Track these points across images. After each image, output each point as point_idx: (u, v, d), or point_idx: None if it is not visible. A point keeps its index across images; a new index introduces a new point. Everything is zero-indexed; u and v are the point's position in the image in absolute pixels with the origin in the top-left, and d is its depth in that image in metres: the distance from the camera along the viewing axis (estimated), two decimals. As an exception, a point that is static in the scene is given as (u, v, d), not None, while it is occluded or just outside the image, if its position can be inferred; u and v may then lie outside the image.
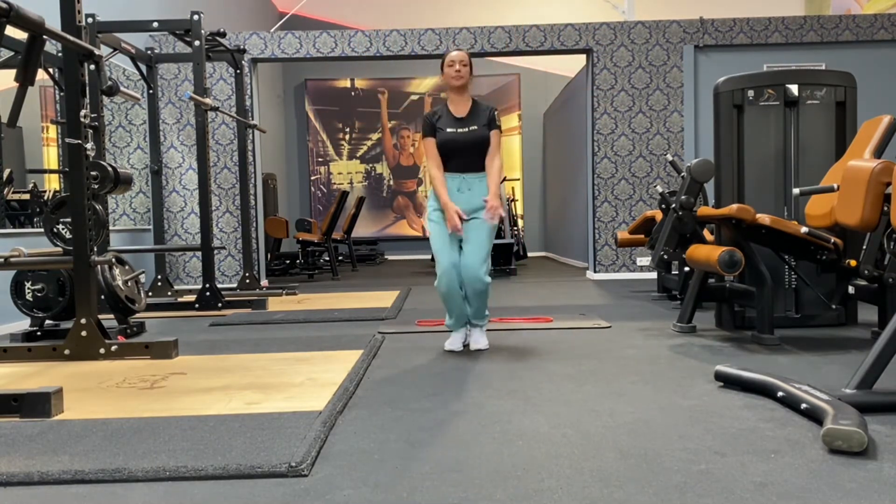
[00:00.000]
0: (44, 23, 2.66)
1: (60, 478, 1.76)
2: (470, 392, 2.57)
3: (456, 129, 3.44)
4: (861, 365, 2.21)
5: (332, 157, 12.64)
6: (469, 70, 3.46)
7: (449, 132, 3.44)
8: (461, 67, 3.43)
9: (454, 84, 3.44)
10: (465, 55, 3.47)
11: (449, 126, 3.45)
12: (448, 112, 3.49)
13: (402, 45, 7.19)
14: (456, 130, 3.44)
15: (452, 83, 3.45)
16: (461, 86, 3.45)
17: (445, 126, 3.46)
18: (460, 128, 3.44)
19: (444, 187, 3.43)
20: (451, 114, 3.48)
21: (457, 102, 3.47)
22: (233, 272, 7.28)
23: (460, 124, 3.44)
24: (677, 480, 1.66)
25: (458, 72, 3.42)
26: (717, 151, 3.94)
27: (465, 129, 3.43)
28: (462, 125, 3.44)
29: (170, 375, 2.95)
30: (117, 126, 6.48)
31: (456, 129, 3.44)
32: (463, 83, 3.44)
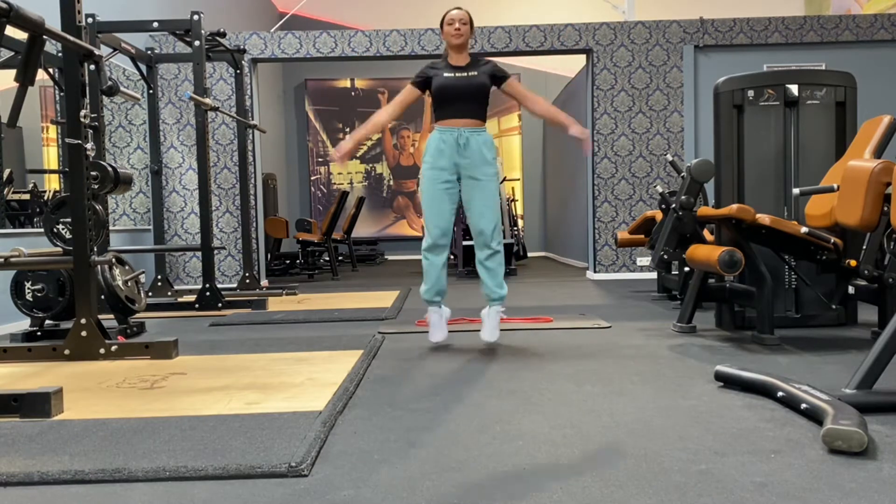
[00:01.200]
0: (44, 23, 2.66)
1: (60, 478, 1.76)
2: (470, 392, 2.57)
3: (454, 74, 3.35)
4: (861, 365, 2.21)
5: (332, 158, 12.64)
6: (469, 28, 3.39)
7: (446, 76, 3.35)
8: (461, 26, 3.36)
9: (454, 42, 3.37)
10: (466, 13, 3.41)
11: (447, 72, 3.37)
12: (446, 62, 3.42)
13: (402, 45, 7.19)
14: (454, 75, 3.35)
15: (452, 41, 3.38)
16: (461, 44, 3.38)
17: (443, 73, 3.37)
18: (459, 73, 3.36)
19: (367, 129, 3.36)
20: (449, 63, 3.41)
21: (455, 57, 3.42)
22: (233, 272, 7.28)
23: (459, 70, 3.37)
24: (677, 480, 1.66)
25: (458, 30, 3.36)
26: (717, 151, 3.94)
27: (465, 75, 3.35)
28: (461, 71, 3.37)
29: (170, 375, 2.95)
30: (117, 126, 6.48)
31: (454, 73, 3.36)
32: (462, 41, 3.38)
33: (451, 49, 3.42)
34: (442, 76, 3.37)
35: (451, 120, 3.34)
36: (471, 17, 3.44)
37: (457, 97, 3.33)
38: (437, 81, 3.37)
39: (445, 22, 3.41)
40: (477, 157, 3.34)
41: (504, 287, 3.46)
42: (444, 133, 3.34)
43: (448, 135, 3.33)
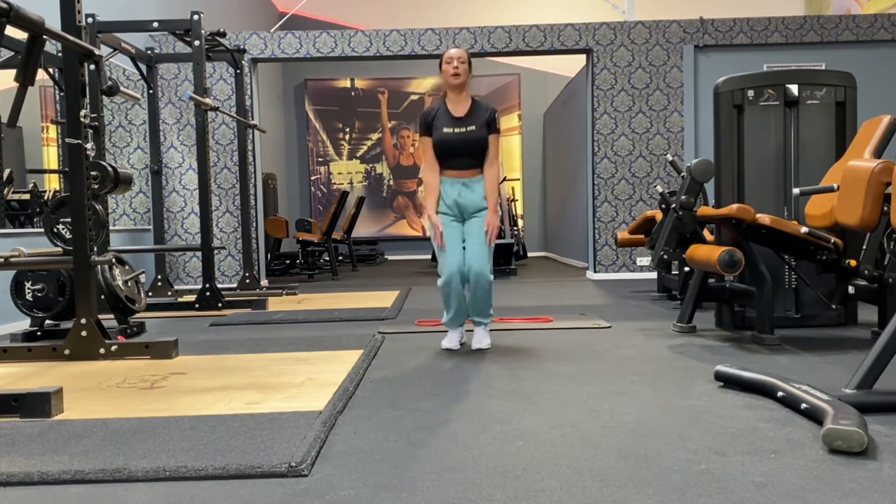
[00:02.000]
0: (44, 23, 2.66)
1: (60, 478, 1.76)
2: (470, 392, 2.57)
3: (453, 129, 3.39)
4: (861, 365, 2.21)
5: (332, 157, 12.64)
6: (468, 68, 3.40)
7: (446, 132, 3.39)
8: (459, 65, 3.37)
9: (452, 83, 3.39)
10: (464, 53, 3.42)
11: (446, 126, 3.40)
12: (446, 110, 3.43)
13: (402, 45, 7.19)
14: (453, 130, 3.39)
15: (451, 81, 3.39)
16: (459, 84, 3.39)
17: (442, 125, 3.40)
18: (457, 128, 3.39)
19: (434, 198, 3.44)
20: (448, 113, 3.42)
21: (455, 101, 3.42)
22: (233, 272, 7.28)
23: (458, 124, 3.39)
24: (677, 480, 1.66)
25: (456, 69, 3.37)
26: (717, 151, 3.94)
27: (463, 130, 3.38)
28: (460, 125, 3.39)
29: (170, 375, 2.95)
30: (117, 126, 6.48)
31: (453, 129, 3.39)
32: (461, 82, 3.39)
33: (449, 89, 3.44)
34: (441, 132, 3.41)
35: (454, 171, 3.44)
36: (469, 57, 3.45)
37: (457, 152, 3.41)
38: (437, 135, 3.43)
39: (444, 61, 3.42)
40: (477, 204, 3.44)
41: (489, 310, 3.51)
42: (446, 185, 3.46)
43: (449, 186, 3.45)
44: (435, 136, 3.42)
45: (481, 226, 3.42)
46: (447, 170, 3.44)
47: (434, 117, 3.45)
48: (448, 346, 3.46)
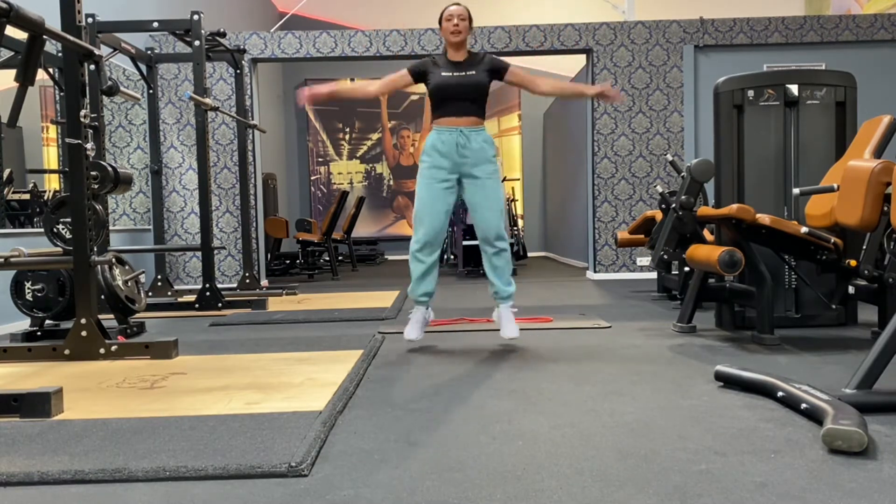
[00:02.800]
0: (44, 23, 2.66)
1: (60, 478, 1.76)
2: (470, 392, 2.57)
3: (452, 73, 3.30)
4: (861, 365, 2.21)
5: (332, 157, 12.64)
6: (468, 25, 3.34)
7: (444, 75, 3.29)
8: (459, 22, 3.31)
9: (452, 39, 3.31)
10: (464, 9, 3.35)
11: (445, 70, 3.31)
12: (445, 59, 3.36)
13: (402, 45, 7.19)
14: (452, 74, 3.30)
15: (450, 38, 3.32)
16: (459, 41, 3.33)
17: (440, 70, 3.31)
18: (457, 71, 3.30)
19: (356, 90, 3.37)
20: (447, 59, 3.35)
21: (454, 55, 3.36)
22: (233, 272, 7.28)
23: (457, 68, 3.31)
24: (677, 480, 1.66)
25: (457, 26, 3.30)
26: (717, 151, 3.94)
27: (462, 73, 3.30)
28: (459, 69, 3.31)
29: (170, 375, 2.95)
30: (117, 126, 6.49)
31: (452, 72, 3.30)
32: (461, 38, 3.32)
33: (449, 46, 3.37)
34: (440, 75, 3.31)
35: (450, 118, 3.30)
36: (469, 13, 3.38)
37: (455, 96, 3.29)
38: (434, 80, 3.32)
39: (444, 18, 3.36)
40: (478, 155, 3.31)
41: (512, 284, 3.46)
42: (443, 133, 3.30)
43: (447, 134, 3.29)
44: (433, 81, 3.31)
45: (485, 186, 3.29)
46: (444, 117, 3.31)
47: (432, 64, 3.36)
48: (410, 338, 3.38)
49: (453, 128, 3.30)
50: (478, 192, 3.31)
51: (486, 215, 3.29)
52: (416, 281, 3.40)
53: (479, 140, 3.32)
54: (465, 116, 3.31)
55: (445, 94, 3.30)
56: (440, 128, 3.32)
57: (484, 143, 3.33)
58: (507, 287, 3.43)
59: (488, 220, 3.28)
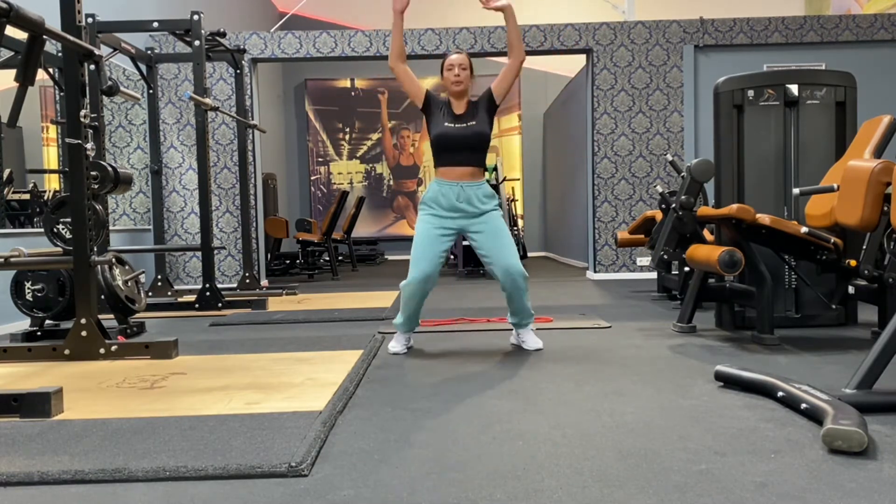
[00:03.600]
0: (44, 23, 2.66)
1: (60, 478, 1.76)
2: (470, 392, 2.57)
3: (454, 125, 3.32)
4: (861, 365, 2.21)
5: (332, 157, 12.64)
6: (469, 74, 3.34)
7: (446, 126, 3.31)
8: (460, 72, 3.31)
9: (454, 90, 3.33)
10: (465, 58, 3.35)
11: (447, 121, 3.33)
12: (447, 107, 3.38)
13: (402, 45, 7.18)
14: (454, 125, 3.31)
15: (452, 89, 3.33)
16: (461, 91, 3.34)
17: (444, 120, 3.33)
18: (458, 123, 3.32)
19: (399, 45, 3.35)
20: (451, 108, 3.37)
21: (457, 105, 3.38)
22: (233, 272, 7.28)
23: (458, 120, 3.33)
24: (677, 480, 1.66)
25: (458, 76, 3.31)
26: (717, 151, 3.94)
27: (464, 125, 3.32)
28: (460, 121, 3.33)
29: (170, 375, 2.95)
30: (117, 126, 6.49)
31: (454, 124, 3.32)
32: (462, 89, 3.33)
33: (451, 95, 3.37)
34: (443, 125, 3.32)
35: (451, 169, 3.31)
36: (471, 62, 3.37)
37: (456, 148, 3.30)
38: (436, 128, 3.33)
39: (445, 67, 3.35)
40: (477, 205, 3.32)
41: (530, 310, 3.42)
42: (444, 186, 3.32)
43: (448, 188, 3.31)
44: (435, 130, 3.33)
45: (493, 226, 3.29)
46: (445, 167, 3.33)
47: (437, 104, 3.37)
48: (396, 351, 3.38)
49: (454, 183, 3.31)
50: (488, 240, 3.30)
51: (505, 259, 3.27)
52: (405, 315, 3.40)
53: (480, 195, 3.33)
54: (466, 167, 3.31)
55: (447, 145, 3.32)
56: (441, 181, 3.33)
57: (484, 197, 3.35)
58: (527, 318, 3.42)
59: (506, 259, 3.26)
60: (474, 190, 3.32)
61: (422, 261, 3.29)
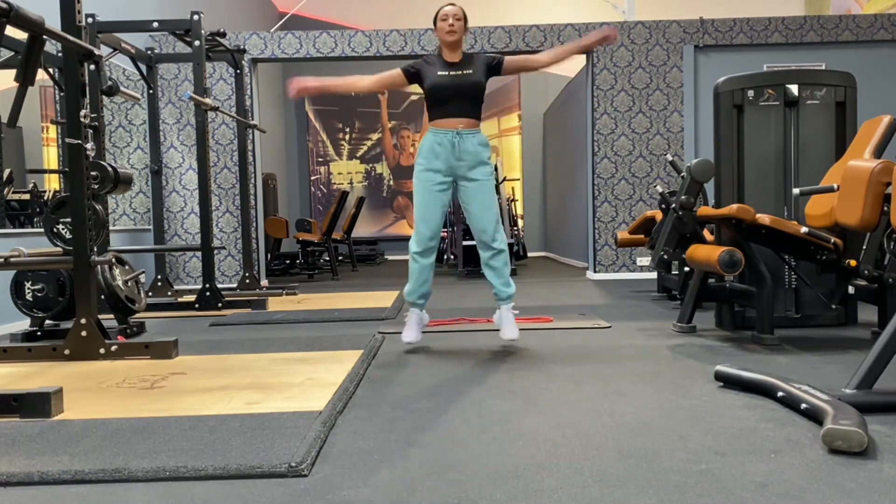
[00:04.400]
0: (44, 23, 2.66)
1: (60, 478, 1.76)
2: (470, 392, 2.57)
3: (448, 72, 3.28)
4: (861, 365, 2.21)
5: (332, 157, 12.64)
6: (463, 25, 3.32)
7: (440, 75, 3.27)
8: (454, 21, 3.28)
9: (447, 39, 3.29)
10: (460, 9, 3.33)
11: (440, 70, 3.29)
12: (440, 58, 3.34)
13: (402, 45, 7.19)
14: (448, 73, 3.27)
15: (445, 38, 3.29)
16: (454, 41, 3.30)
17: (436, 70, 3.29)
18: (453, 71, 3.28)
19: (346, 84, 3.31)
20: (443, 59, 3.33)
21: (450, 56, 3.34)
22: (233, 272, 7.28)
23: (452, 68, 3.29)
24: (677, 480, 1.66)
25: (452, 26, 3.28)
26: (717, 151, 3.94)
27: (459, 73, 3.28)
28: (455, 69, 3.29)
29: (170, 375, 2.95)
30: (117, 126, 6.49)
31: (448, 71, 3.28)
32: (456, 38, 3.29)
33: (444, 46, 3.34)
34: (435, 74, 3.29)
35: (446, 120, 3.29)
36: (465, 13, 3.35)
37: (451, 96, 3.27)
38: (430, 80, 3.29)
39: (439, 18, 3.33)
40: (473, 158, 3.30)
41: (511, 286, 3.46)
42: (439, 135, 3.29)
43: (443, 136, 3.28)
44: (428, 81, 3.29)
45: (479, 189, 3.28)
46: (439, 118, 3.28)
47: (426, 64, 3.34)
48: (408, 340, 3.39)
49: (449, 130, 3.29)
50: (473, 196, 3.31)
51: (482, 218, 3.30)
52: (414, 282, 3.42)
53: (475, 143, 3.31)
54: (461, 117, 3.29)
55: (441, 93, 3.28)
56: (436, 129, 3.31)
57: (479, 145, 3.33)
58: (506, 288, 3.43)
59: (484, 223, 3.29)
60: (470, 136, 3.30)
61: (423, 219, 3.31)
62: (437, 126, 3.31)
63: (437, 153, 3.30)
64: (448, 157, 3.29)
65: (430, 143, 3.31)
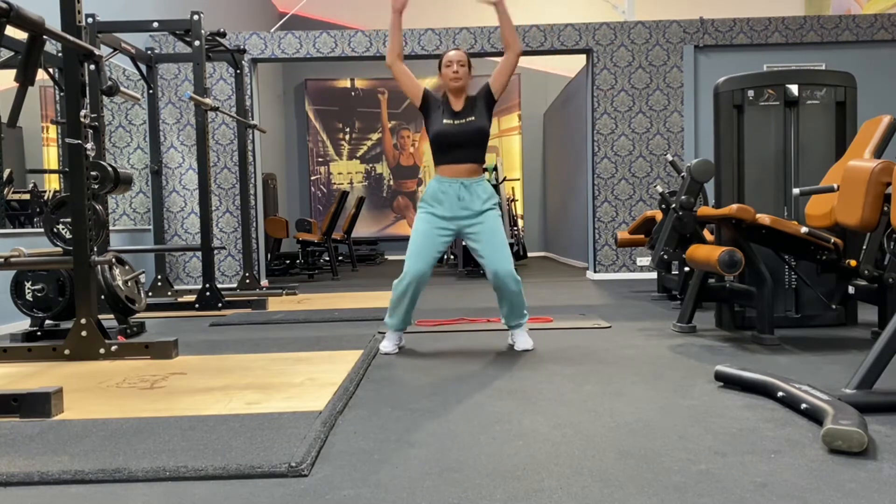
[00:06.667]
0: (44, 23, 2.66)
1: (60, 478, 1.76)
2: (470, 392, 2.57)
3: (453, 121, 3.31)
4: (861, 365, 2.21)
5: (332, 157, 12.64)
6: (468, 70, 3.36)
7: (445, 123, 3.31)
8: (459, 68, 3.32)
9: (452, 86, 3.34)
10: (464, 55, 3.37)
11: (446, 118, 3.32)
12: (446, 104, 3.37)
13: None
14: (453, 122, 3.31)
15: (451, 85, 3.34)
16: (459, 87, 3.35)
17: (442, 117, 3.33)
18: (457, 119, 3.31)
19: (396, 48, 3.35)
20: (449, 105, 3.36)
21: (455, 101, 3.38)
22: (233, 272, 7.28)
23: (457, 116, 3.32)
24: (677, 480, 1.66)
25: (456, 73, 3.32)
26: (717, 151, 3.94)
27: (463, 121, 3.31)
28: (459, 117, 3.32)
29: (170, 375, 2.95)
30: (117, 126, 6.49)
31: (453, 120, 3.31)
32: (461, 85, 3.34)
33: (449, 92, 3.37)
34: (441, 123, 3.31)
35: (451, 167, 3.31)
36: (469, 59, 3.38)
37: (456, 145, 3.30)
38: (435, 127, 3.32)
39: (444, 63, 3.36)
40: (477, 204, 3.31)
41: (525, 310, 3.42)
42: (444, 183, 3.31)
43: (448, 186, 3.31)
44: (433, 128, 3.32)
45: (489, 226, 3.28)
46: (445, 165, 3.32)
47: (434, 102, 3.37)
48: (388, 351, 3.37)
49: (454, 179, 3.31)
50: (485, 241, 3.29)
51: (498, 261, 3.27)
52: (397, 312, 3.38)
53: (479, 193, 3.33)
54: (465, 164, 3.31)
55: (447, 142, 3.31)
56: (441, 178, 3.33)
57: (483, 195, 3.34)
58: (521, 319, 3.41)
59: (499, 264, 3.26)
60: (474, 187, 3.32)
61: (419, 258, 3.30)
62: (443, 174, 3.34)
63: (440, 200, 3.33)
64: (453, 206, 3.31)
65: (435, 191, 3.34)
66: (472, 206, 3.32)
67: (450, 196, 3.31)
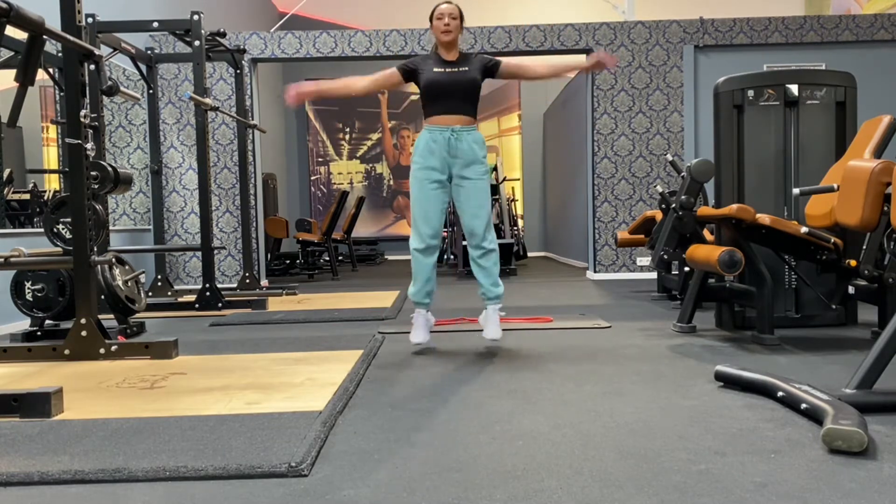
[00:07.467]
0: (44, 23, 2.66)
1: (60, 478, 1.76)
2: (470, 392, 2.57)
3: (444, 69, 3.27)
4: (861, 365, 2.21)
5: (332, 157, 12.64)
6: (459, 24, 3.31)
7: (436, 71, 3.26)
8: (450, 20, 3.28)
9: (442, 39, 3.28)
10: (455, 8, 3.32)
11: (437, 67, 3.28)
12: (436, 56, 3.34)
13: (402, 45, 7.19)
14: (444, 70, 3.26)
15: (441, 37, 3.29)
16: (450, 41, 3.29)
17: (432, 67, 3.28)
18: (449, 68, 3.27)
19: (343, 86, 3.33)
20: (439, 57, 3.33)
21: (446, 53, 3.34)
22: (233, 272, 7.28)
23: (449, 65, 3.29)
24: (677, 480, 1.66)
25: (448, 25, 3.27)
26: (717, 151, 3.94)
27: (455, 70, 3.27)
28: (451, 66, 3.28)
29: (170, 375, 2.95)
30: (117, 126, 6.48)
31: (444, 69, 3.27)
32: (452, 38, 3.29)
33: (440, 45, 3.33)
34: (431, 71, 3.27)
35: (442, 117, 3.28)
36: (461, 12, 3.34)
37: (447, 93, 3.26)
38: (425, 76, 3.28)
39: (434, 16, 3.32)
40: (468, 156, 3.29)
41: (500, 286, 3.43)
42: (435, 132, 3.28)
43: (438, 134, 3.27)
44: (424, 78, 3.28)
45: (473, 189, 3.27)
46: (435, 115, 3.28)
47: (423, 61, 3.33)
48: (417, 341, 3.38)
49: (445, 127, 3.27)
50: (466, 194, 3.30)
51: (473, 218, 3.28)
52: (418, 281, 3.38)
53: (470, 140, 3.30)
54: (456, 115, 3.28)
55: (437, 91, 3.27)
56: (431, 127, 3.29)
57: (474, 143, 3.32)
58: (495, 288, 3.40)
59: (476, 221, 3.27)
60: (465, 134, 3.29)
61: (426, 221, 3.29)
62: (433, 123, 3.30)
63: (432, 150, 3.29)
64: (443, 155, 3.28)
65: (426, 141, 3.30)
66: (463, 155, 3.28)
67: (440, 144, 3.27)
